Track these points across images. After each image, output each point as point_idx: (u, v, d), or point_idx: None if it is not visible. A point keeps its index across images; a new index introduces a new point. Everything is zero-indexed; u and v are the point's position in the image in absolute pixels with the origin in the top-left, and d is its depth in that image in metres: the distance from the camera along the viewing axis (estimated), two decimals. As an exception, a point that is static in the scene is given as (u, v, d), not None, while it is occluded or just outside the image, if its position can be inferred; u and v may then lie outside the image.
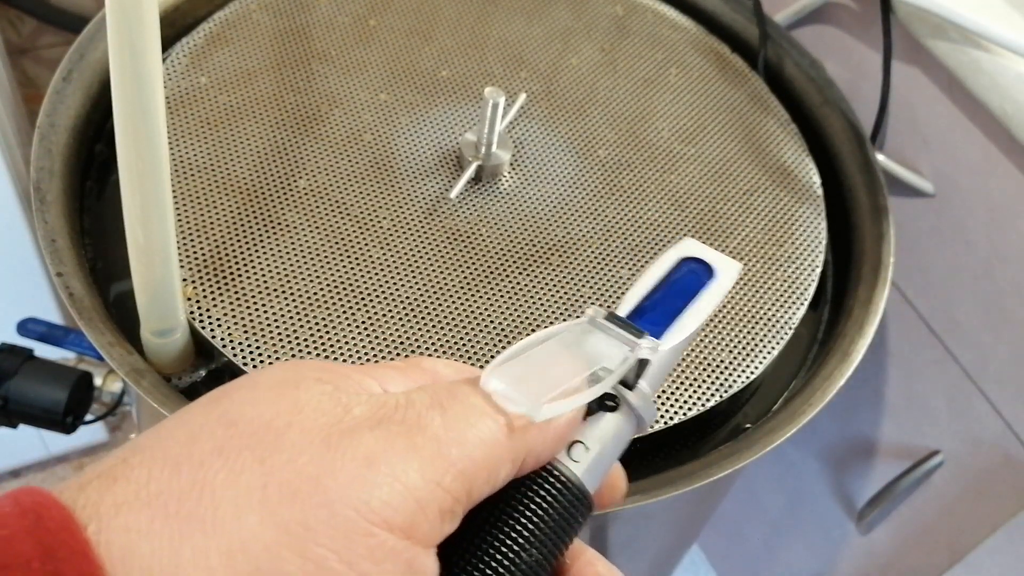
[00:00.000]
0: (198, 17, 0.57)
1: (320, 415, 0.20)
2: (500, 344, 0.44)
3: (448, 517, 0.20)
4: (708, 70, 0.60)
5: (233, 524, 0.18)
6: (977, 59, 0.53)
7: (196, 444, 0.20)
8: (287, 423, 0.20)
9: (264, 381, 0.21)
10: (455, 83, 0.55)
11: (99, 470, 0.19)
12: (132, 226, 0.36)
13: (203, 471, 0.19)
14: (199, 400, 0.22)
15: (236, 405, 0.20)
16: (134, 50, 0.31)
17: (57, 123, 0.49)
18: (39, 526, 0.18)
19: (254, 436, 0.19)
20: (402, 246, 0.47)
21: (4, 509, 0.18)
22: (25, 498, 0.18)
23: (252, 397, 0.21)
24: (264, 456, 0.19)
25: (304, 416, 0.20)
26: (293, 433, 0.19)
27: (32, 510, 0.18)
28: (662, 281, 0.27)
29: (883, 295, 0.49)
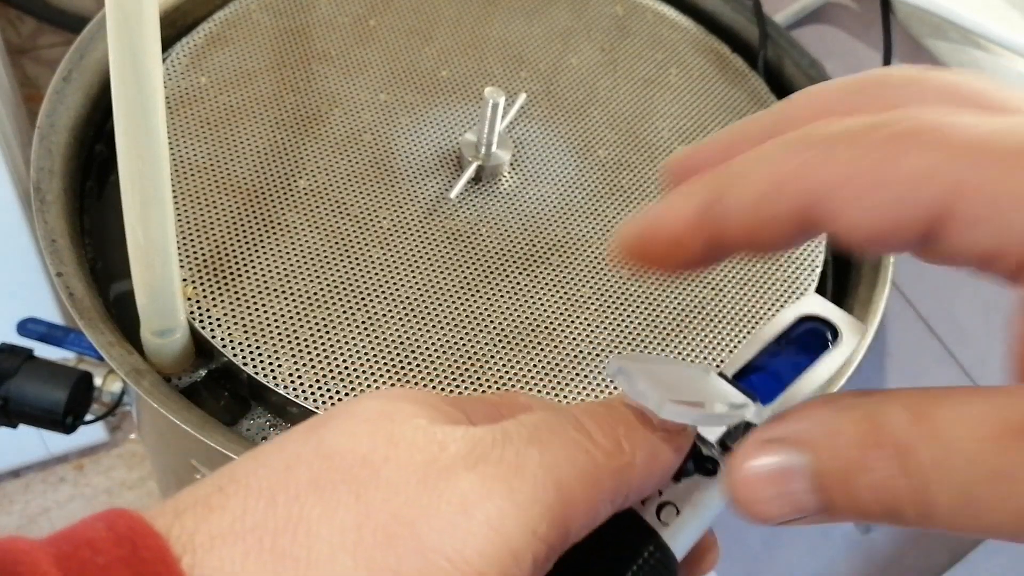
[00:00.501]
0: (198, 17, 0.57)
1: (415, 451, 0.19)
2: (500, 344, 0.44)
3: (542, 565, 0.19)
4: (708, 70, 0.60)
5: (327, 565, 0.18)
6: (977, 59, 0.53)
7: (292, 475, 0.19)
8: (383, 458, 0.19)
9: (360, 412, 0.21)
10: (455, 83, 0.55)
11: (195, 496, 0.19)
12: (132, 226, 0.36)
13: (299, 504, 0.19)
14: (297, 428, 0.21)
15: (332, 435, 0.20)
16: (134, 50, 0.31)
17: (57, 123, 0.49)
18: (135, 555, 0.17)
19: (350, 470, 0.19)
20: (402, 246, 0.47)
21: (99, 533, 0.18)
22: (120, 523, 0.18)
23: (348, 429, 0.20)
24: (360, 492, 0.19)
25: (400, 451, 0.19)
26: (389, 470, 0.19)
27: (128, 537, 0.18)
28: (778, 340, 0.24)
29: (883, 295, 0.49)
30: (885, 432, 0.17)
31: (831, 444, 0.18)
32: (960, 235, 0.17)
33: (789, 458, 0.18)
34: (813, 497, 0.18)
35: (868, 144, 0.18)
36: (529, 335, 0.45)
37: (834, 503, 0.18)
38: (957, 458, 0.16)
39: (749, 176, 0.20)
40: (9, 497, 1.12)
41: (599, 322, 0.46)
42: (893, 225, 0.18)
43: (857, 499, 0.17)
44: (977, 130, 0.17)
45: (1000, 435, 0.16)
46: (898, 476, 0.17)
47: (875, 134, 0.18)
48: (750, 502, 0.19)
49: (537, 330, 0.45)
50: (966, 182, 0.17)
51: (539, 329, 0.45)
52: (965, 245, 0.17)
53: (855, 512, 0.18)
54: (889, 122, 0.18)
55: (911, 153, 0.17)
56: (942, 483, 0.16)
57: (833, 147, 0.19)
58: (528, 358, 0.44)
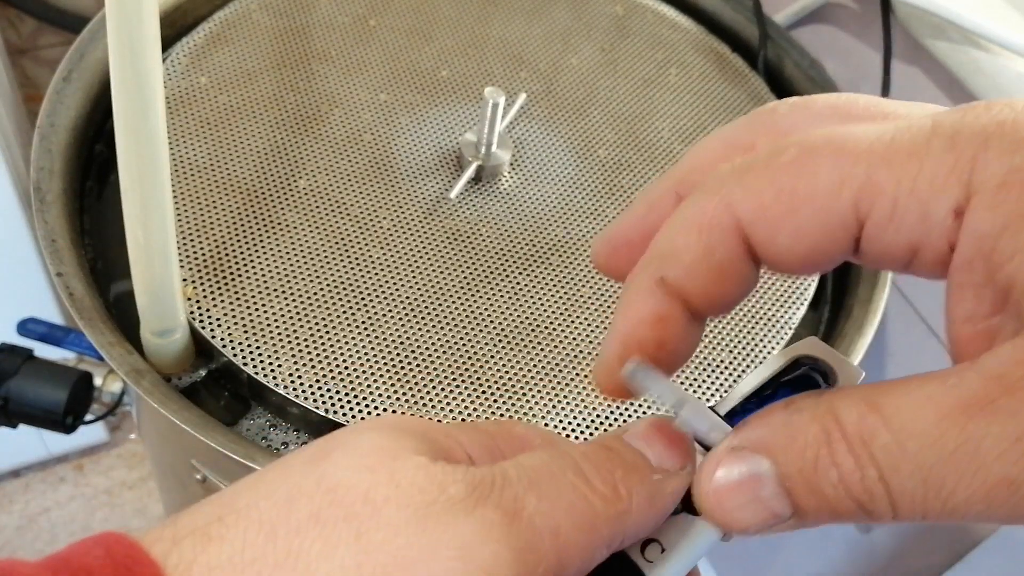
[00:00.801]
0: (198, 17, 0.57)
1: (416, 491, 0.19)
2: (500, 344, 0.44)
3: None
4: (708, 70, 0.60)
5: None
6: (977, 59, 0.53)
7: (294, 507, 0.19)
8: (385, 497, 0.19)
9: (363, 446, 0.21)
10: (455, 83, 0.55)
11: (194, 524, 0.19)
12: (132, 226, 0.36)
13: (299, 539, 0.19)
14: (299, 455, 0.21)
15: (334, 469, 0.20)
16: (134, 50, 0.31)
17: (57, 123, 0.49)
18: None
19: (352, 507, 0.19)
20: (402, 246, 0.47)
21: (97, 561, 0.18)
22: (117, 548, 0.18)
23: (351, 463, 0.20)
24: (361, 531, 0.19)
25: (401, 491, 0.19)
26: (390, 509, 0.19)
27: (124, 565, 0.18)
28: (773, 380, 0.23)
29: (883, 295, 0.49)
30: (840, 428, 0.17)
31: (790, 446, 0.18)
32: (881, 234, 0.18)
33: (754, 464, 0.18)
34: (782, 501, 0.18)
35: (776, 168, 0.19)
36: (529, 335, 0.45)
37: (802, 505, 0.18)
38: (912, 442, 0.16)
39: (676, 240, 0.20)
40: (9, 497, 1.12)
41: (599, 322, 0.46)
42: (823, 239, 0.18)
43: (824, 498, 0.17)
44: (873, 135, 0.18)
45: (954, 413, 0.16)
46: (858, 469, 0.17)
47: (780, 158, 0.19)
48: (723, 511, 0.19)
49: (537, 330, 0.45)
50: (875, 183, 0.18)
51: (539, 329, 0.45)
52: (888, 243, 0.18)
53: (826, 512, 0.18)
54: (789, 144, 0.19)
55: (820, 167, 0.18)
56: (902, 470, 0.16)
57: (742, 178, 0.19)
58: (528, 358, 0.44)
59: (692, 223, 0.20)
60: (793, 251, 0.19)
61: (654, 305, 0.20)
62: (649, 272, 0.21)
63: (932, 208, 0.17)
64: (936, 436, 0.16)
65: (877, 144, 0.18)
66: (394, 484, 0.19)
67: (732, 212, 0.19)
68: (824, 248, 0.19)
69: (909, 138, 0.18)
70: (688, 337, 0.21)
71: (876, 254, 0.18)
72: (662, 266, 0.20)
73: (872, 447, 0.17)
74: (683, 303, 0.20)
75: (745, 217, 0.19)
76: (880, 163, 0.18)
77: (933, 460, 0.16)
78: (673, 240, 0.20)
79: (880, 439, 0.17)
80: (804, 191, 0.18)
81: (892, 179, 0.17)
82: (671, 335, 0.21)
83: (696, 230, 0.20)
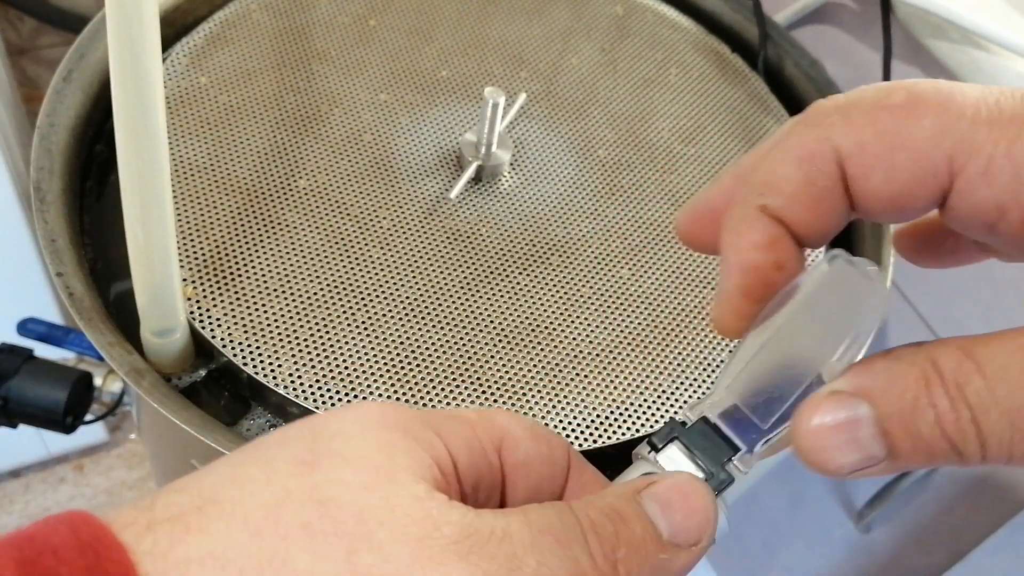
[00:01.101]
0: (198, 17, 0.57)
1: (410, 523, 0.19)
2: (500, 344, 0.44)
3: None
4: (708, 70, 0.60)
5: None
6: (977, 59, 0.53)
7: (282, 512, 0.19)
8: (379, 522, 0.19)
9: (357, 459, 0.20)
10: (455, 83, 0.55)
11: (170, 511, 0.19)
12: (132, 226, 0.36)
13: (286, 546, 0.18)
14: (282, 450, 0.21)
15: (327, 480, 0.20)
16: (134, 50, 0.31)
17: (57, 123, 0.49)
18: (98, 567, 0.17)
19: (344, 524, 0.19)
20: (402, 246, 0.47)
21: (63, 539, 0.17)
22: (84, 529, 0.18)
23: (346, 478, 0.20)
24: (352, 550, 0.18)
25: (395, 518, 0.19)
26: (383, 535, 0.19)
27: (91, 546, 0.17)
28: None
29: (883, 295, 0.49)
30: (938, 373, 0.18)
31: (890, 390, 0.19)
32: (973, 190, 0.19)
33: (853, 407, 0.19)
34: (879, 442, 0.19)
35: (881, 108, 0.19)
36: (529, 335, 0.45)
37: (898, 446, 0.19)
38: (1002, 387, 0.17)
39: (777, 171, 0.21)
40: (9, 497, 1.12)
41: (599, 322, 0.46)
42: (914, 184, 0.19)
43: (919, 438, 0.18)
44: (979, 95, 0.19)
45: None
46: (953, 411, 0.18)
47: (888, 99, 0.19)
48: (819, 450, 0.19)
49: (537, 330, 0.45)
50: (974, 140, 0.18)
51: (539, 329, 0.45)
52: (978, 199, 0.19)
53: (920, 453, 0.18)
54: (898, 87, 0.20)
55: (924, 115, 0.19)
56: (992, 412, 0.17)
57: (848, 114, 0.20)
58: (528, 358, 0.44)
59: (793, 154, 0.20)
60: (883, 191, 0.19)
61: (764, 229, 0.21)
62: (751, 201, 0.21)
63: (1021, 176, 0.18)
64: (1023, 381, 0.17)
65: (982, 104, 0.19)
66: (389, 509, 0.19)
67: (832, 144, 0.20)
68: (913, 192, 0.19)
69: (1013, 104, 0.18)
70: (799, 262, 0.21)
71: (964, 209, 0.19)
72: (763, 195, 0.21)
73: (966, 391, 0.18)
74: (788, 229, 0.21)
75: (844, 150, 0.20)
76: (983, 123, 0.18)
77: (1021, 403, 0.17)
78: (774, 170, 0.21)
79: (974, 384, 0.18)
80: (905, 135, 0.19)
81: (991, 139, 0.18)
82: (787, 256, 0.21)
83: (797, 161, 0.20)
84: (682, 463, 0.22)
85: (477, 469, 0.23)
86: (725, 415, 0.23)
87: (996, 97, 0.19)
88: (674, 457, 0.23)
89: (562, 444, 0.25)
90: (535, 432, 0.24)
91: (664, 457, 0.23)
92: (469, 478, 0.22)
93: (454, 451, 0.22)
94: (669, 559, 0.21)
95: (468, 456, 0.22)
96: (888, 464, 0.19)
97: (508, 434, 0.23)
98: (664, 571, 0.21)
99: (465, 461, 0.22)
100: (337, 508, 0.19)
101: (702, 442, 0.23)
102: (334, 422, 0.22)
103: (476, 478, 0.23)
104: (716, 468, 0.22)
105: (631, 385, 0.44)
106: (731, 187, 0.22)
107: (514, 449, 0.23)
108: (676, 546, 0.21)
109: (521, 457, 0.23)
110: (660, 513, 0.21)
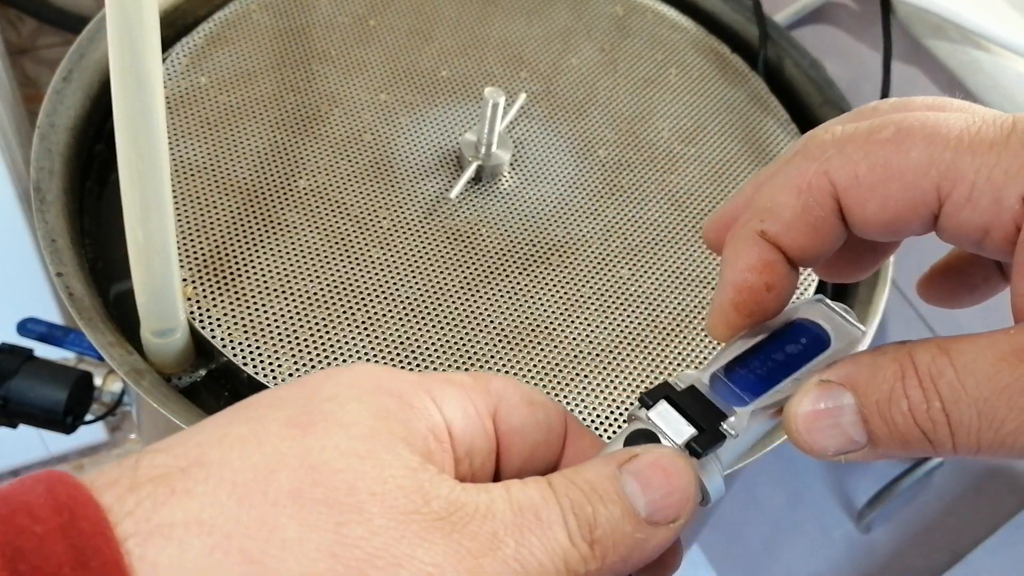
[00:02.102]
0: (198, 17, 0.57)
1: (401, 496, 0.19)
2: (500, 344, 0.44)
3: None
4: (708, 70, 0.60)
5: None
6: (977, 59, 0.53)
7: (273, 477, 0.19)
8: (371, 493, 0.19)
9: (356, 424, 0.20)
10: (455, 83, 0.55)
11: (153, 471, 0.18)
12: (132, 226, 0.36)
13: (275, 513, 0.18)
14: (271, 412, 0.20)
15: (320, 446, 0.20)
16: (134, 50, 0.31)
17: (57, 123, 0.49)
18: (73, 526, 0.17)
19: (335, 493, 0.19)
20: (402, 246, 0.47)
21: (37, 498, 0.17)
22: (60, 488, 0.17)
23: (339, 444, 0.20)
24: (341, 521, 0.18)
25: (387, 490, 0.19)
26: (374, 507, 0.19)
27: (67, 506, 0.17)
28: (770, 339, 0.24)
29: (883, 295, 0.49)
30: (914, 366, 0.20)
31: (871, 381, 0.20)
32: (958, 213, 0.20)
33: (837, 396, 0.21)
34: (859, 429, 0.20)
35: (874, 143, 0.21)
36: (529, 335, 0.45)
37: (876, 433, 0.20)
38: (972, 379, 0.19)
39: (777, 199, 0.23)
40: (9, 497, 1.11)
41: (599, 322, 0.46)
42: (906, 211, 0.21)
43: (894, 426, 0.20)
44: (962, 124, 0.20)
45: (1009, 356, 0.19)
46: (925, 401, 0.19)
47: (879, 134, 0.21)
48: (806, 433, 0.21)
49: (537, 330, 0.45)
50: (958, 168, 0.20)
51: (539, 329, 0.45)
52: (963, 221, 0.20)
53: (895, 440, 0.20)
54: (888, 123, 0.21)
55: (912, 147, 0.21)
56: (961, 402, 0.19)
57: (842, 148, 0.22)
58: (528, 358, 0.44)
59: (792, 184, 0.22)
60: (878, 218, 0.21)
61: (759, 252, 0.23)
62: (752, 226, 0.23)
63: (1004, 194, 0.20)
64: (992, 374, 0.19)
65: (965, 134, 0.20)
66: (381, 480, 0.19)
67: (829, 177, 0.22)
68: (906, 219, 0.21)
69: (992, 132, 0.20)
70: (790, 282, 0.23)
71: (952, 230, 0.21)
72: (763, 221, 0.23)
73: (938, 383, 0.19)
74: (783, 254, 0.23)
75: (840, 183, 0.22)
76: (965, 151, 0.20)
77: (988, 394, 0.18)
78: (775, 198, 0.23)
79: (946, 376, 0.19)
80: (895, 167, 0.21)
81: (973, 166, 0.20)
82: (777, 278, 0.23)
83: (796, 191, 0.22)
84: (673, 419, 0.23)
85: (471, 436, 0.23)
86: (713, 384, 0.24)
87: (979, 126, 0.20)
88: (665, 413, 0.23)
89: (559, 410, 0.25)
90: (531, 398, 0.24)
91: (655, 413, 0.23)
92: (463, 444, 0.22)
93: (449, 417, 0.22)
94: (646, 538, 0.21)
95: (463, 422, 0.22)
96: (869, 450, 0.21)
97: (503, 400, 0.24)
98: (641, 549, 0.21)
99: (459, 427, 0.22)
100: (330, 475, 0.19)
101: (693, 404, 0.23)
102: (329, 385, 0.21)
103: (470, 444, 0.23)
104: (707, 424, 0.23)
105: (631, 385, 0.44)
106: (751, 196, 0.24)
107: (509, 416, 0.24)
108: (654, 524, 0.21)
109: (516, 424, 0.24)
110: (639, 491, 0.21)
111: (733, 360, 0.24)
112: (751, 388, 0.23)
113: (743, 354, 0.24)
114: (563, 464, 0.25)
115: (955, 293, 0.27)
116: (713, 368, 0.24)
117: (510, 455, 0.24)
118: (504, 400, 0.24)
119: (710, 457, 0.23)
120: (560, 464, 0.25)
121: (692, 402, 0.23)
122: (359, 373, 0.22)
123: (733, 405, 0.23)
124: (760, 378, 0.24)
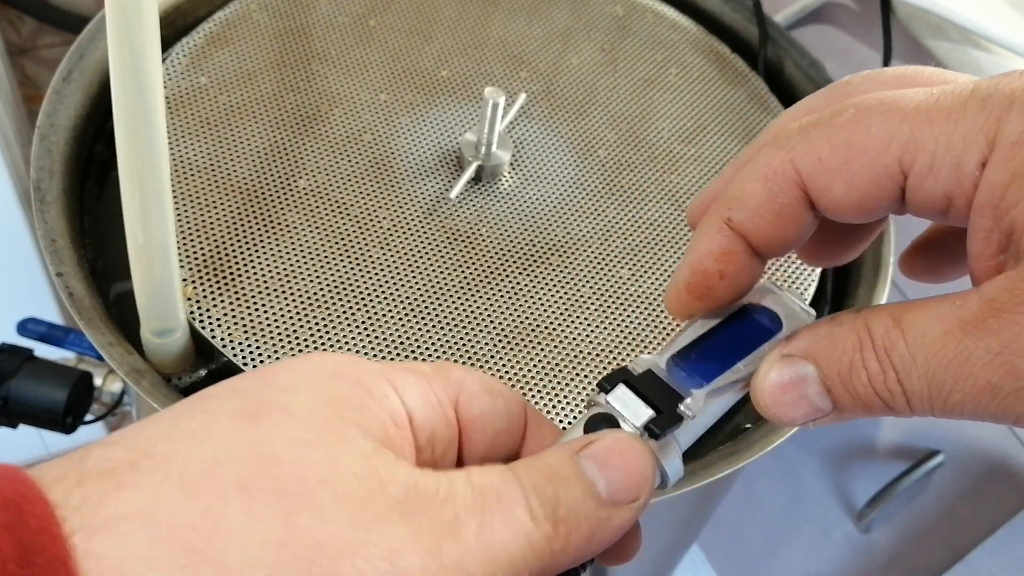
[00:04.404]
0: (198, 17, 0.57)
1: (355, 482, 0.19)
2: (500, 344, 0.44)
3: None
4: (708, 70, 0.60)
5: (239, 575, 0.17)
6: (977, 59, 0.53)
7: (220, 470, 0.18)
8: (320, 481, 0.19)
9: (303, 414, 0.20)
10: (455, 83, 0.55)
11: (101, 466, 0.18)
12: (132, 226, 0.36)
13: (222, 504, 0.18)
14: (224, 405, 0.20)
15: (269, 437, 0.19)
16: (134, 50, 0.31)
17: (57, 123, 0.49)
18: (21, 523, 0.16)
19: (283, 483, 0.18)
20: (402, 246, 0.47)
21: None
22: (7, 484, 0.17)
23: (289, 434, 0.19)
24: (290, 511, 0.18)
25: (339, 477, 0.19)
26: (324, 495, 0.18)
27: (14, 502, 0.17)
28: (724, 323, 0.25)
29: (883, 295, 0.49)
30: (870, 338, 0.21)
31: (832, 353, 0.21)
32: (922, 184, 0.21)
33: (800, 368, 0.22)
34: (824, 398, 0.21)
35: (834, 126, 0.22)
36: (529, 335, 0.45)
37: (840, 401, 0.21)
38: (921, 352, 0.20)
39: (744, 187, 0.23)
40: (9, 497, 1.11)
41: (599, 322, 0.46)
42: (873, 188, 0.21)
43: (856, 395, 0.21)
44: (920, 97, 0.21)
45: (954, 330, 0.19)
46: (882, 372, 0.20)
47: (839, 117, 0.22)
48: (774, 405, 0.22)
49: (537, 330, 0.45)
50: (918, 139, 0.20)
51: (539, 329, 0.45)
52: (928, 192, 0.21)
53: (859, 406, 0.21)
54: (848, 106, 0.22)
55: (871, 124, 0.21)
56: (913, 374, 0.20)
57: (806, 135, 0.22)
58: (528, 358, 0.44)
59: (759, 173, 0.23)
60: (847, 199, 0.22)
61: (720, 241, 0.23)
62: (719, 214, 0.24)
63: (963, 162, 0.20)
64: (939, 347, 0.19)
65: (922, 105, 0.21)
66: (333, 468, 0.19)
67: (794, 164, 0.22)
68: (874, 195, 0.21)
69: (950, 100, 0.20)
70: (748, 272, 0.24)
71: (918, 202, 0.21)
72: (730, 209, 0.23)
73: (892, 355, 0.20)
74: (746, 242, 0.23)
75: (805, 169, 0.22)
76: (923, 122, 0.20)
77: (936, 367, 0.19)
78: (742, 187, 0.23)
79: (899, 349, 0.20)
80: (857, 146, 0.21)
81: (932, 136, 0.20)
82: (732, 268, 0.24)
83: (762, 179, 0.23)
84: (632, 402, 0.24)
85: (432, 423, 0.23)
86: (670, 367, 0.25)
87: (936, 96, 0.21)
88: (623, 397, 0.24)
89: (517, 399, 0.25)
90: (490, 387, 0.24)
91: (614, 397, 0.24)
92: (424, 432, 0.22)
93: (409, 405, 0.22)
94: (608, 517, 0.21)
95: (424, 410, 0.22)
96: (835, 415, 0.22)
97: (464, 388, 0.24)
98: (604, 528, 0.21)
99: (420, 415, 0.22)
100: (277, 466, 0.19)
101: (650, 387, 0.24)
102: (284, 374, 0.21)
103: (431, 432, 0.22)
104: (665, 406, 0.23)
105: (631, 385, 0.44)
106: (731, 178, 0.24)
107: (470, 404, 0.24)
108: (615, 503, 0.21)
109: (477, 412, 0.24)
110: (598, 472, 0.21)
111: (689, 344, 0.25)
112: (706, 371, 0.24)
113: (698, 338, 0.25)
114: (524, 454, 0.25)
115: (938, 267, 0.27)
116: (670, 352, 0.25)
117: (472, 444, 0.24)
118: (465, 389, 0.24)
119: (669, 439, 0.23)
120: (521, 454, 0.25)
121: (650, 385, 0.24)
122: (317, 362, 0.22)
123: (689, 388, 0.24)
124: (715, 361, 0.24)
